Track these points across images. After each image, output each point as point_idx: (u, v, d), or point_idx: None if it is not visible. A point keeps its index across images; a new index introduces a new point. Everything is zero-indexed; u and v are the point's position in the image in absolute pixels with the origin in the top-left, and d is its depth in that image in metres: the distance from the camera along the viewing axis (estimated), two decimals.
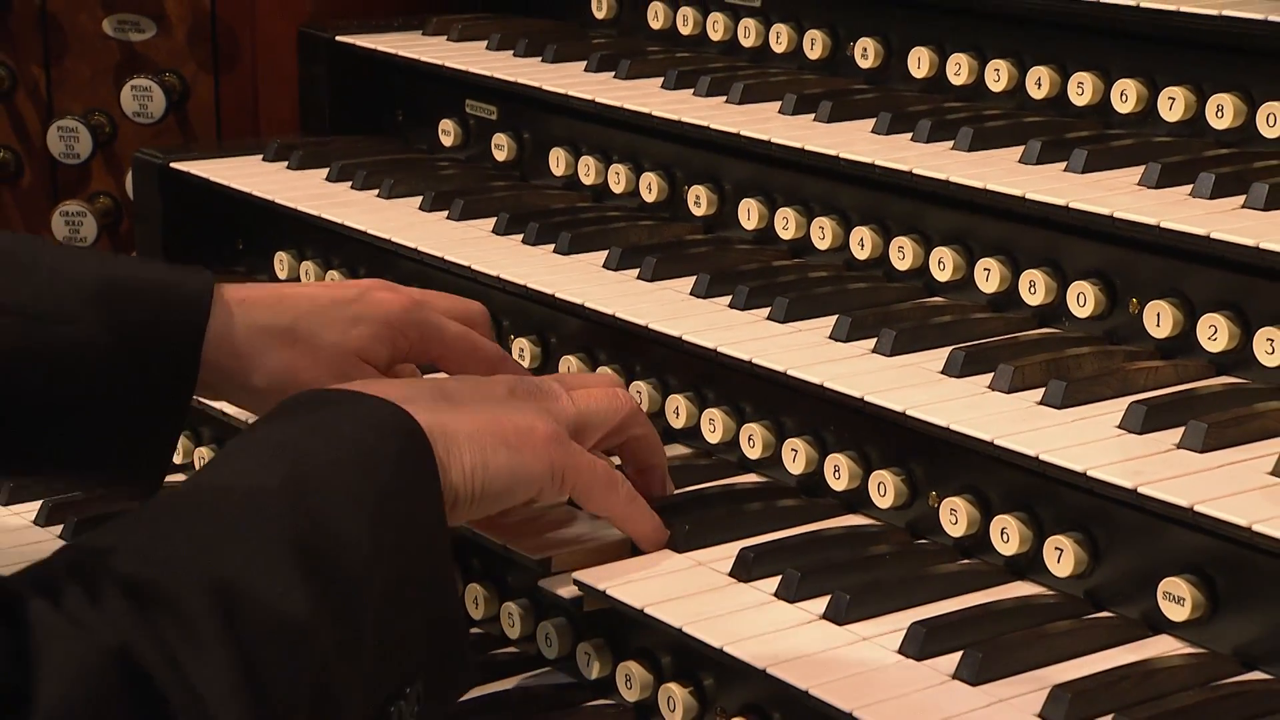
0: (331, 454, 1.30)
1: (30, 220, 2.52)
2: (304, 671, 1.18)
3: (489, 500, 1.40)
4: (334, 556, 1.23)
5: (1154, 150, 1.66)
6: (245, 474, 1.30)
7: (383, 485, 1.29)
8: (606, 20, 2.31)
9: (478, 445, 1.38)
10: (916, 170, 1.69)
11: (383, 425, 1.33)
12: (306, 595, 1.18)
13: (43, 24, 2.46)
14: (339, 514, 1.25)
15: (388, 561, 1.26)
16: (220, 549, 1.20)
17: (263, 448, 1.33)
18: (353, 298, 1.60)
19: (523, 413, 1.42)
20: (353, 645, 1.22)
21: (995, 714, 1.26)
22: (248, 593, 1.17)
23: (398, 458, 1.32)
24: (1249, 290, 1.50)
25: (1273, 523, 1.27)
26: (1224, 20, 1.66)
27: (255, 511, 1.24)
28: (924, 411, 1.46)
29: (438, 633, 1.31)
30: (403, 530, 1.30)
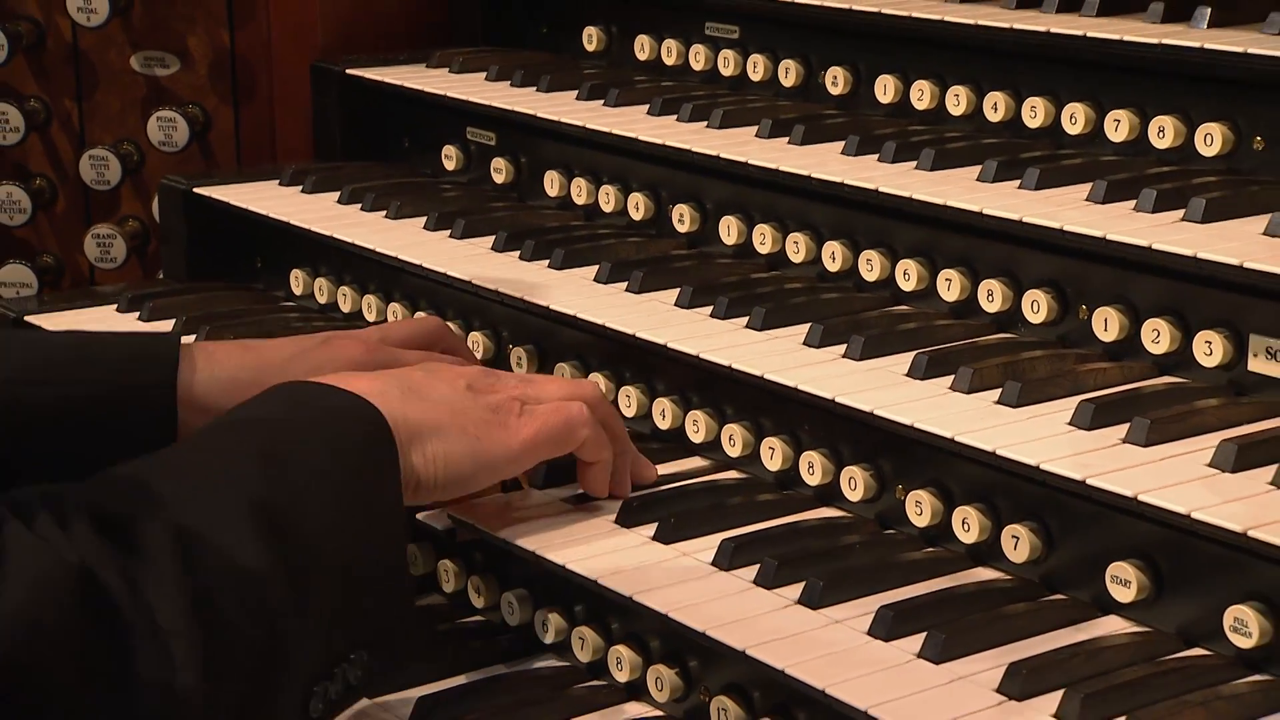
0: (302, 434, 1.32)
1: (64, 242, 2.52)
2: (254, 615, 1.20)
3: (453, 484, 1.43)
4: (295, 522, 1.25)
5: (1101, 168, 1.66)
6: (221, 443, 1.33)
7: (347, 466, 1.32)
8: (597, 52, 2.31)
9: (439, 435, 1.41)
10: (883, 189, 1.69)
11: (350, 413, 1.36)
12: (262, 550, 1.21)
13: (75, 61, 2.46)
14: (304, 486, 1.27)
15: (346, 536, 1.29)
16: (187, 500, 1.22)
17: (241, 425, 1.36)
18: (315, 346, 1.59)
19: (479, 405, 1.45)
20: (306, 605, 1.23)
21: (956, 690, 1.27)
22: (208, 539, 1.19)
23: (362, 444, 1.35)
24: (1189, 297, 1.50)
25: (1210, 510, 1.27)
26: (1164, 49, 1.67)
27: (224, 473, 1.27)
28: (890, 411, 1.47)
29: (388, 605, 1.33)
30: (362, 509, 1.32)
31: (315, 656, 1.26)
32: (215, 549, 1.19)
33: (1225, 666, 1.29)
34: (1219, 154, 1.65)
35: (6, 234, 2.52)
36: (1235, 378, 1.48)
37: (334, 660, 1.28)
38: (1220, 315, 1.48)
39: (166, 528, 1.18)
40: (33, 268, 2.51)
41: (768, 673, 1.31)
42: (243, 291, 2.18)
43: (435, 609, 1.62)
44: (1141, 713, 1.21)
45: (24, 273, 2.51)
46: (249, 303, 2.14)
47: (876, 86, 1.93)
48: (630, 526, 1.52)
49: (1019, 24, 1.79)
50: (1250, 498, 1.29)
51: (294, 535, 1.24)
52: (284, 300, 2.15)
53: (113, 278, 2.48)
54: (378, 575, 1.33)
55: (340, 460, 1.33)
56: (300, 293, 2.13)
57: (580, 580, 1.45)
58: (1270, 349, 1.46)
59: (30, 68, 2.47)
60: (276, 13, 2.40)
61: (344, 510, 1.30)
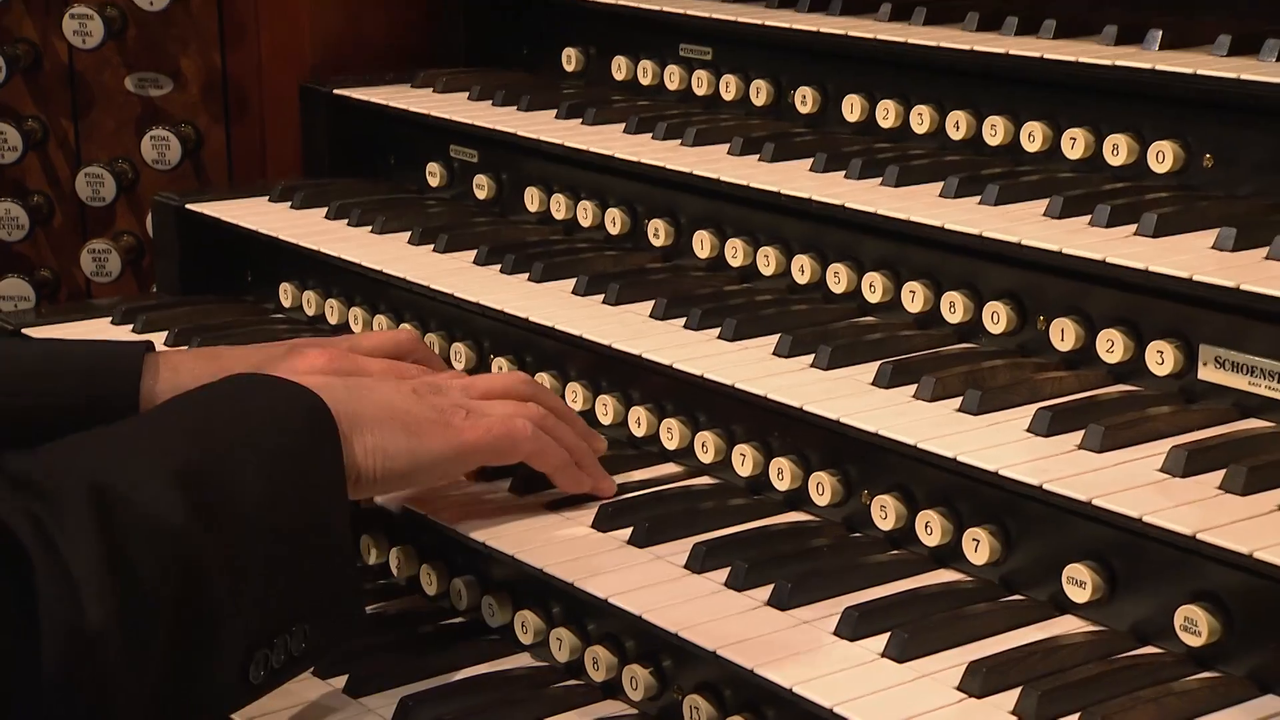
0: (241, 414, 1.33)
1: (61, 257, 2.52)
2: (174, 567, 1.19)
3: (392, 478, 1.43)
4: (222, 488, 1.25)
5: (1058, 185, 1.66)
6: (154, 417, 1.34)
7: (283, 445, 1.32)
8: (575, 72, 2.31)
9: (379, 429, 1.41)
10: (849, 204, 1.69)
11: (292, 400, 1.36)
12: (183, 510, 1.20)
13: (71, 81, 2.46)
14: (235, 457, 1.27)
15: (282, 510, 1.29)
16: (107, 461, 1.21)
17: (182, 404, 1.36)
18: (280, 355, 1.58)
19: (420, 406, 1.45)
20: (234, 564, 1.23)
21: (920, 687, 1.27)
22: (125, 494, 1.18)
23: (302, 428, 1.35)
24: (1141, 308, 1.50)
25: (1162, 514, 1.28)
26: (1118, 70, 1.67)
27: (152, 441, 1.27)
28: (856, 419, 1.47)
29: (330, 585, 1.33)
30: (299, 486, 1.32)
31: (251, 621, 1.26)
32: (132, 503, 1.18)
33: (1176, 664, 1.29)
34: (1170, 171, 1.66)
35: (5, 249, 2.51)
36: (1186, 386, 1.48)
37: (274, 630, 1.28)
38: (1171, 326, 1.49)
39: (80, 482, 1.17)
40: (30, 282, 2.51)
41: (738, 672, 1.31)
42: (234, 304, 2.18)
43: (418, 611, 1.62)
44: (1096, 709, 1.21)
45: (22, 286, 2.50)
46: (240, 315, 2.13)
47: (844, 106, 1.94)
48: (606, 530, 1.52)
49: (979, 46, 1.80)
50: (1199, 502, 1.30)
51: (220, 497, 1.24)
52: (274, 312, 2.15)
53: (108, 291, 2.47)
54: (316, 549, 1.32)
55: (276, 435, 1.33)
56: (289, 305, 2.12)
57: (557, 583, 1.45)
58: (1219, 358, 1.46)
59: (28, 88, 2.47)
60: (267, 35, 2.40)
61: (277, 480, 1.29)
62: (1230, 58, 1.66)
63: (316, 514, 1.33)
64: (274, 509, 1.28)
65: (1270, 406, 1.43)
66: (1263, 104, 1.59)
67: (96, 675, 1.14)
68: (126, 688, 1.16)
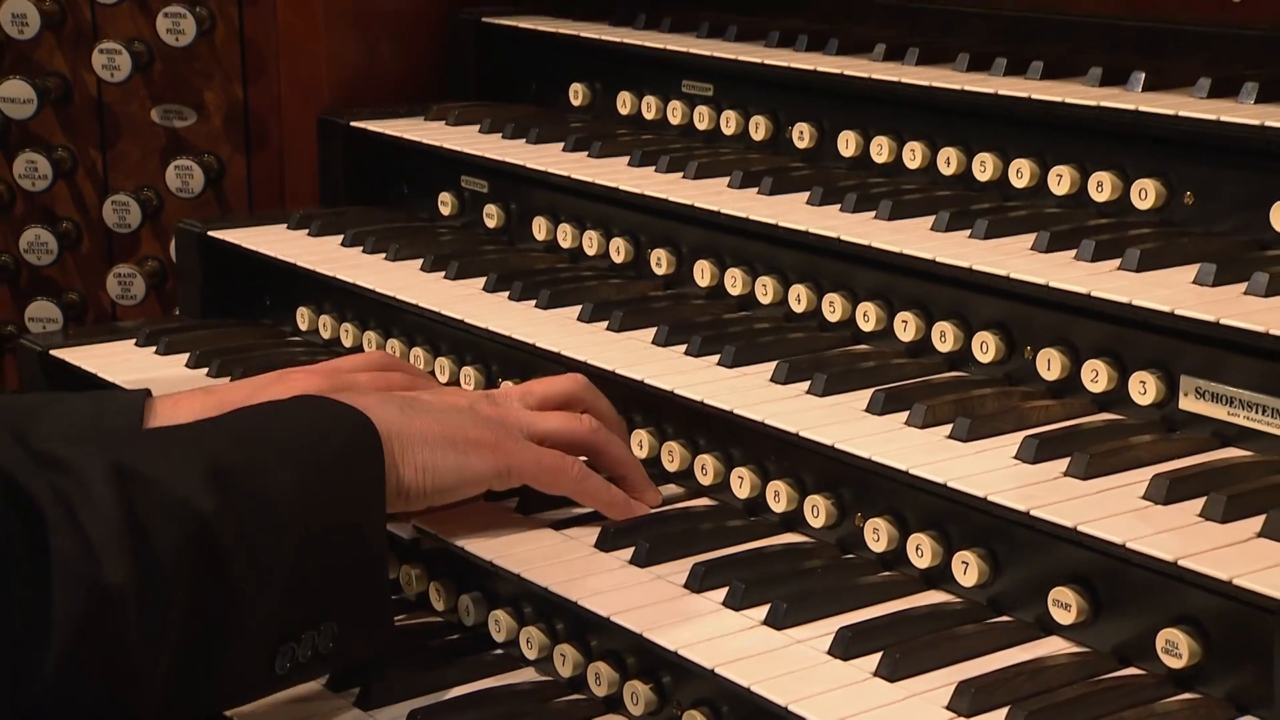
0: (284, 426, 1.33)
1: (88, 281, 2.52)
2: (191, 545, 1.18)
3: (440, 493, 1.44)
4: (252, 485, 1.24)
5: (1044, 220, 1.66)
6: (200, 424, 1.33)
7: (322, 456, 1.32)
8: (582, 107, 2.31)
9: (429, 448, 1.41)
10: (844, 237, 1.69)
11: (338, 417, 1.37)
12: (208, 497, 1.19)
13: (99, 113, 2.46)
14: (272, 462, 1.27)
15: (314, 511, 1.28)
16: (139, 449, 1.21)
17: (229, 416, 1.36)
18: (270, 383, 1.58)
19: (475, 423, 1.45)
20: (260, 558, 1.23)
21: (910, 707, 1.26)
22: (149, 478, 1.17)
23: (343, 442, 1.35)
24: (1125, 340, 1.50)
25: (1144, 540, 1.27)
26: (1102, 110, 1.67)
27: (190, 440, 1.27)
28: (850, 445, 1.47)
29: (359, 589, 1.33)
30: (334, 492, 1.31)
31: (275, 610, 1.25)
32: (156, 484, 1.18)
33: (1157, 685, 1.28)
34: (1152, 207, 1.66)
35: (35, 273, 2.51)
36: (1167, 415, 1.48)
37: (301, 624, 1.27)
38: (1153, 357, 1.48)
39: (104, 462, 1.16)
40: (59, 304, 2.51)
41: (735, 690, 1.30)
42: (252, 327, 2.18)
43: (428, 626, 1.61)
44: None
45: (50, 309, 2.50)
46: (258, 338, 2.13)
47: (839, 141, 1.94)
48: (609, 550, 1.52)
49: (969, 86, 1.80)
50: (1180, 529, 1.29)
51: (249, 491, 1.23)
52: (290, 335, 2.15)
53: (133, 314, 2.47)
54: (347, 553, 1.32)
55: (312, 448, 1.33)
56: (305, 329, 2.12)
57: (561, 600, 1.44)
58: (1199, 389, 1.46)
59: (58, 119, 2.47)
60: (286, 70, 2.40)
61: (310, 484, 1.29)
62: (1210, 99, 1.66)
63: (349, 520, 1.33)
64: (304, 510, 1.28)
65: (1248, 436, 1.43)
66: (1241, 144, 1.59)
67: (112, 634, 1.13)
68: (144, 654, 1.15)
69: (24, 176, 2.44)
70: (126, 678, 1.15)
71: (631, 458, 1.58)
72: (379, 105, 2.38)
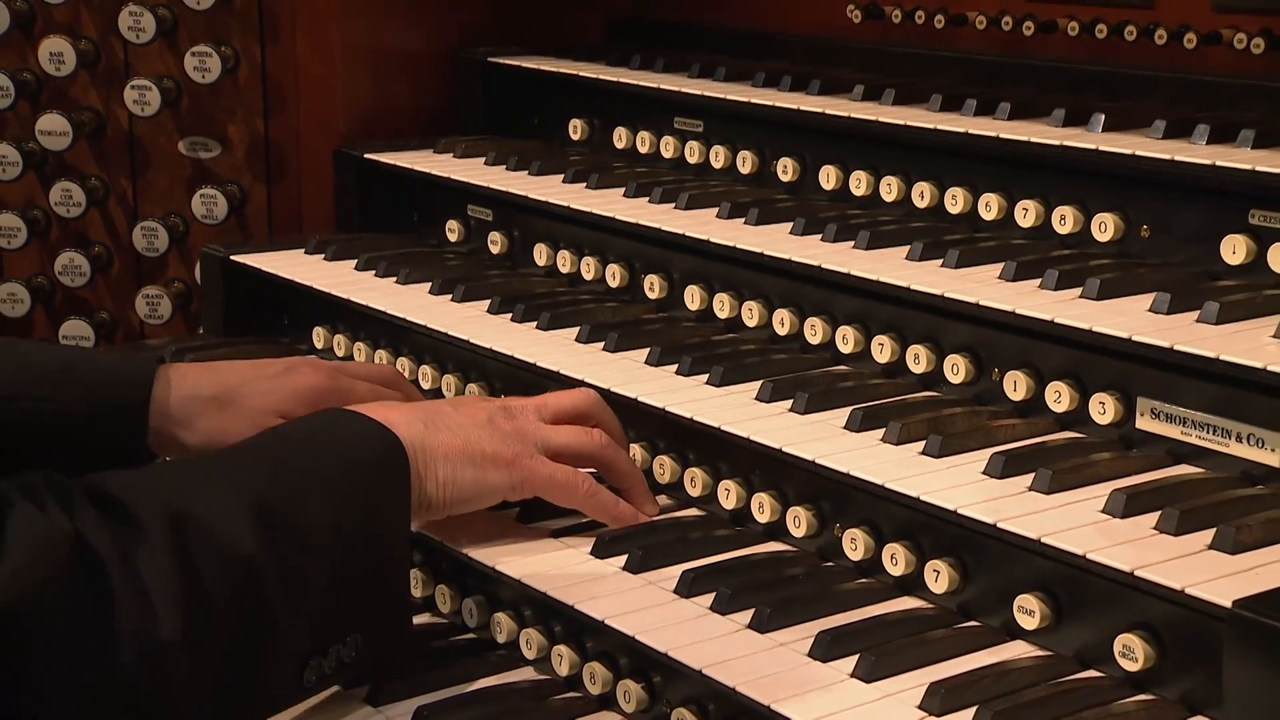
0: (317, 450, 1.32)
1: (118, 301, 2.51)
2: (240, 591, 1.18)
3: (459, 505, 1.44)
4: (291, 517, 1.24)
5: (1011, 251, 1.67)
6: (238, 453, 1.32)
7: (355, 480, 1.31)
8: (580, 141, 2.32)
9: (450, 463, 1.41)
10: (825, 265, 1.70)
11: (368, 436, 1.36)
12: (252, 537, 1.19)
13: (130, 145, 2.46)
14: (308, 492, 1.27)
15: (346, 538, 1.28)
16: (187, 491, 1.21)
17: (266, 439, 1.35)
18: (277, 372, 1.57)
19: (493, 438, 1.45)
20: (296, 591, 1.22)
21: (884, 706, 1.26)
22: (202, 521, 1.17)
23: (375, 464, 1.34)
24: (1086, 363, 1.50)
25: (1103, 552, 1.27)
26: (1064, 149, 1.68)
27: (231, 474, 1.26)
28: (830, 460, 1.47)
29: (383, 602, 1.33)
30: (365, 518, 1.31)
31: (306, 636, 1.25)
32: (206, 528, 1.18)
33: (1115, 687, 1.28)
34: (1111, 240, 1.66)
35: (69, 294, 2.51)
36: (1125, 434, 1.48)
37: (329, 640, 1.27)
38: (1113, 380, 1.49)
39: (162, 509, 1.17)
40: (91, 323, 2.50)
41: (721, 689, 1.30)
42: (271, 345, 2.17)
43: (434, 628, 1.61)
44: None
45: (83, 327, 2.50)
46: (276, 356, 2.12)
47: (820, 175, 1.94)
48: (604, 557, 1.51)
49: (942, 125, 1.80)
50: (1137, 541, 1.30)
51: (289, 529, 1.23)
52: (307, 353, 2.14)
53: (160, 332, 2.47)
54: (374, 571, 1.31)
55: (347, 472, 1.32)
56: (321, 347, 2.12)
57: (559, 604, 1.44)
58: (1155, 410, 1.46)
59: (91, 151, 2.47)
60: (304, 105, 2.41)
61: (343, 512, 1.29)
62: (1165, 140, 1.67)
63: (378, 541, 1.33)
64: (338, 536, 1.27)
65: (1200, 454, 1.43)
66: (1193, 182, 1.59)
67: (164, 680, 1.14)
68: (189, 688, 1.16)
69: (59, 204, 2.44)
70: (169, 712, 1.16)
71: (635, 471, 1.58)
72: (391, 138, 2.38)
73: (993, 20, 2.02)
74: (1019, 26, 2.00)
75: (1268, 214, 1.55)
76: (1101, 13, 1.94)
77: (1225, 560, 1.26)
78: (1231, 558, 1.26)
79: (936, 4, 2.09)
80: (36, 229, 2.47)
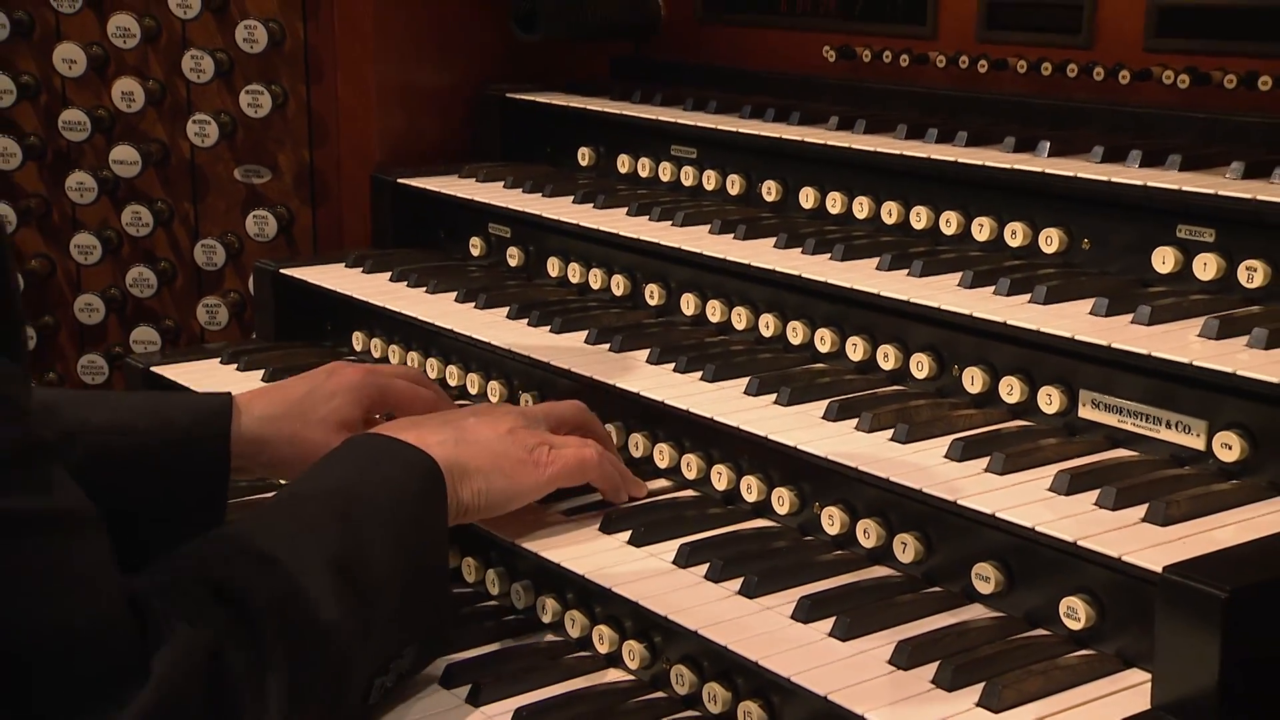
0: (371, 488, 1.31)
1: (181, 310, 2.52)
2: (330, 659, 1.18)
3: (492, 510, 1.45)
4: (363, 569, 1.23)
5: (969, 261, 1.67)
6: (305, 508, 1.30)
7: (406, 515, 1.31)
8: (588, 167, 2.32)
9: (482, 474, 1.42)
10: (804, 274, 1.70)
11: (410, 466, 1.36)
12: (338, 603, 1.19)
13: (192, 173, 2.47)
14: (372, 539, 1.26)
15: (403, 571, 1.28)
16: (283, 565, 1.19)
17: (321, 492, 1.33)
18: (326, 377, 1.58)
19: (517, 447, 1.46)
20: (365, 633, 1.22)
21: (858, 662, 1.27)
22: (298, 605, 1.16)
23: (419, 494, 1.34)
24: (1034, 360, 1.51)
25: (1049, 525, 1.28)
26: (1015, 172, 1.68)
27: (308, 536, 1.24)
28: (810, 446, 1.47)
29: (433, 614, 1.33)
30: (417, 546, 1.31)
31: (374, 665, 1.25)
32: (304, 611, 1.17)
33: (1061, 643, 1.29)
34: (1056, 252, 1.67)
35: (139, 304, 2.51)
36: (1069, 422, 1.48)
37: (389, 660, 1.27)
38: (1058, 374, 1.49)
39: (271, 599, 1.15)
40: (157, 329, 2.51)
41: (714, 648, 1.31)
42: (316, 348, 2.18)
43: (461, 596, 1.61)
44: (997, 679, 1.21)
45: (151, 333, 2.50)
46: (320, 357, 2.12)
47: (800, 196, 1.95)
48: (610, 533, 1.52)
49: (907, 151, 1.81)
50: (1079, 515, 1.30)
51: (363, 581, 1.23)
52: (347, 355, 2.14)
53: (218, 337, 2.47)
54: (425, 589, 1.32)
55: (399, 511, 1.32)
56: (359, 350, 2.12)
57: (572, 574, 1.45)
58: (1095, 400, 1.47)
59: (158, 178, 2.48)
60: (344, 137, 2.41)
61: (402, 551, 1.29)
62: (1103, 164, 1.67)
63: (426, 565, 1.33)
64: (397, 574, 1.27)
65: (1135, 439, 1.44)
66: (1128, 200, 1.60)
67: None
68: None
69: (130, 225, 2.45)
70: None
71: (623, 468, 1.60)
72: (420, 165, 2.38)
73: (951, 59, 2.03)
74: (974, 65, 2.00)
75: (1193, 228, 1.56)
76: (1046, 53, 1.95)
77: (1156, 531, 1.26)
78: (1162, 529, 1.27)
79: (901, 45, 2.10)
80: (110, 247, 2.48)
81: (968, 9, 2.03)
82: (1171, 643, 1.14)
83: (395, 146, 2.40)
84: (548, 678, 1.42)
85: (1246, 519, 1.28)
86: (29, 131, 2.46)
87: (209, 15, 2.38)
